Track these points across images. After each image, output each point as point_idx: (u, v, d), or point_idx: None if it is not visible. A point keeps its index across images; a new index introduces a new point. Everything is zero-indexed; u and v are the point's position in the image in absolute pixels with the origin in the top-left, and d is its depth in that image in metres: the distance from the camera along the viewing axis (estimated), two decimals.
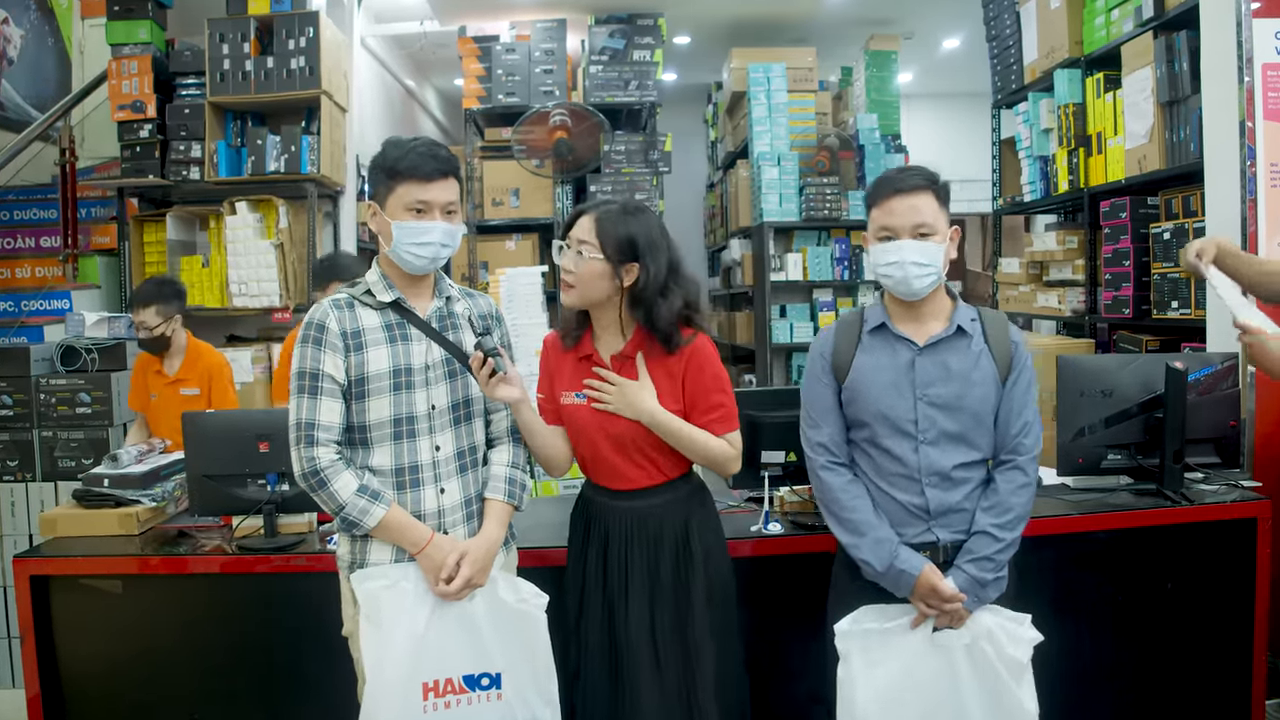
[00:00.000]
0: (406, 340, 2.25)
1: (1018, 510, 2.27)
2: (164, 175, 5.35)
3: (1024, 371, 2.32)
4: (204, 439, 2.95)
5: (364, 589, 2.18)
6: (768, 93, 7.08)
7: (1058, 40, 5.11)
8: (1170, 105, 4.12)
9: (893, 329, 2.35)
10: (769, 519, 2.93)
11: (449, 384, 2.29)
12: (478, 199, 6.45)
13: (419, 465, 2.24)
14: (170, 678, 2.96)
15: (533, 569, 2.50)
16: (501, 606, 2.27)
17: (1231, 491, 3.20)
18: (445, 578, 2.18)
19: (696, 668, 2.30)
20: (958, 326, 2.32)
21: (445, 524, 2.26)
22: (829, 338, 2.43)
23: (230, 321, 5.80)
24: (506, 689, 2.26)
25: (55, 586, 2.96)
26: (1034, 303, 5.60)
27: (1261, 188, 3.54)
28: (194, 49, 5.40)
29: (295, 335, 2.35)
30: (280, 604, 2.96)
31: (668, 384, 2.33)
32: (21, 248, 5.85)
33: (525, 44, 6.40)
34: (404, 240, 2.20)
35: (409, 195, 2.18)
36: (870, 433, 2.33)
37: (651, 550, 2.34)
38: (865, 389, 2.32)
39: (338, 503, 2.15)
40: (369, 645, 2.17)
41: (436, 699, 2.20)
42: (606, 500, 2.39)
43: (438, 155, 2.21)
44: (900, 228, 2.27)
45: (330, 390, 2.18)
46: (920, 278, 2.27)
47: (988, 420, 2.30)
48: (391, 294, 2.26)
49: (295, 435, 2.17)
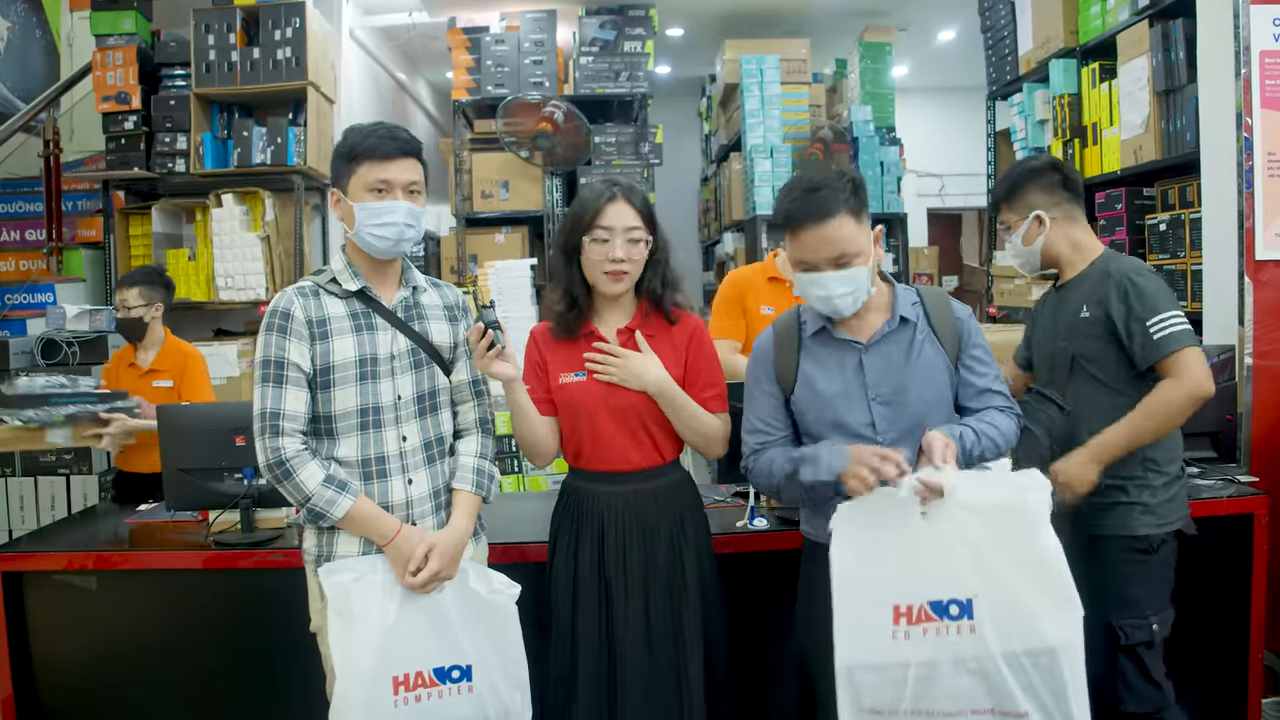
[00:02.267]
0: (372, 329, 2.22)
1: (1003, 429, 2.17)
2: (149, 168, 5.30)
3: (973, 346, 2.23)
4: (179, 432, 2.92)
5: (331, 582, 2.14)
6: (761, 85, 7.03)
7: (1053, 30, 5.06)
8: (1166, 95, 4.08)
9: (834, 333, 2.24)
10: (755, 514, 2.91)
11: (415, 374, 2.25)
12: (466, 191, 6.39)
13: (385, 456, 2.21)
14: (147, 675, 2.93)
15: (513, 565, 2.45)
16: (472, 597, 2.24)
17: (1228, 487, 3.16)
18: (413, 570, 2.15)
19: (688, 655, 2.30)
20: (900, 317, 2.22)
21: (414, 515, 2.23)
22: (768, 346, 2.32)
23: (217, 315, 5.75)
24: (478, 680, 2.23)
25: (29, 582, 2.93)
26: (1029, 296, 5.55)
27: (1259, 177, 3.49)
28: (179, 40, 5.34)
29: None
30: (258, 599, 2.93)
31: (672, 355, 2.36)
32: (6, 240, 5.82)
33: (515, 35, 6.35)
34: (367, 221, 2.16)
35: (370, 175, 2.15)
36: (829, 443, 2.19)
37: (648, 539, 2.33)
38: (815, 400, 2.23)
39: (304, 493, 2.11)
40: (338, 639, 2.13)
41: (407, 692, 2.17)
42: (600, 487, 2.36)
43: (397, 136, 2.19)
44: (817, 261, 2.12)
45: (295, 379, 2.14)
46: (849, 301, 2.14)
47: (943, 407, 2.21)
48: (357, 282, 2.23)
49: (260, 425, 2.13)
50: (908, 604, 1.97)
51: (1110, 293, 2.44)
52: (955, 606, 1.94)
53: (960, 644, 1.94)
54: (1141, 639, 2.42)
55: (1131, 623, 2.42)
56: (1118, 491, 2.47)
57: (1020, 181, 2.62)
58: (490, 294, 4.79)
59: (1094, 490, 2.43)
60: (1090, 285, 2.52)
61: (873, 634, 1.98)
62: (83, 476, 3.97)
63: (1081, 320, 2.51)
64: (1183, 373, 2.29)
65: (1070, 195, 2.59)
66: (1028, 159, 2.71)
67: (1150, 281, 2.42)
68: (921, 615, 1.96)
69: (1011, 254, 2.72)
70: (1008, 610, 1.92)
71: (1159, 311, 2.36)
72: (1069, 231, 2.60)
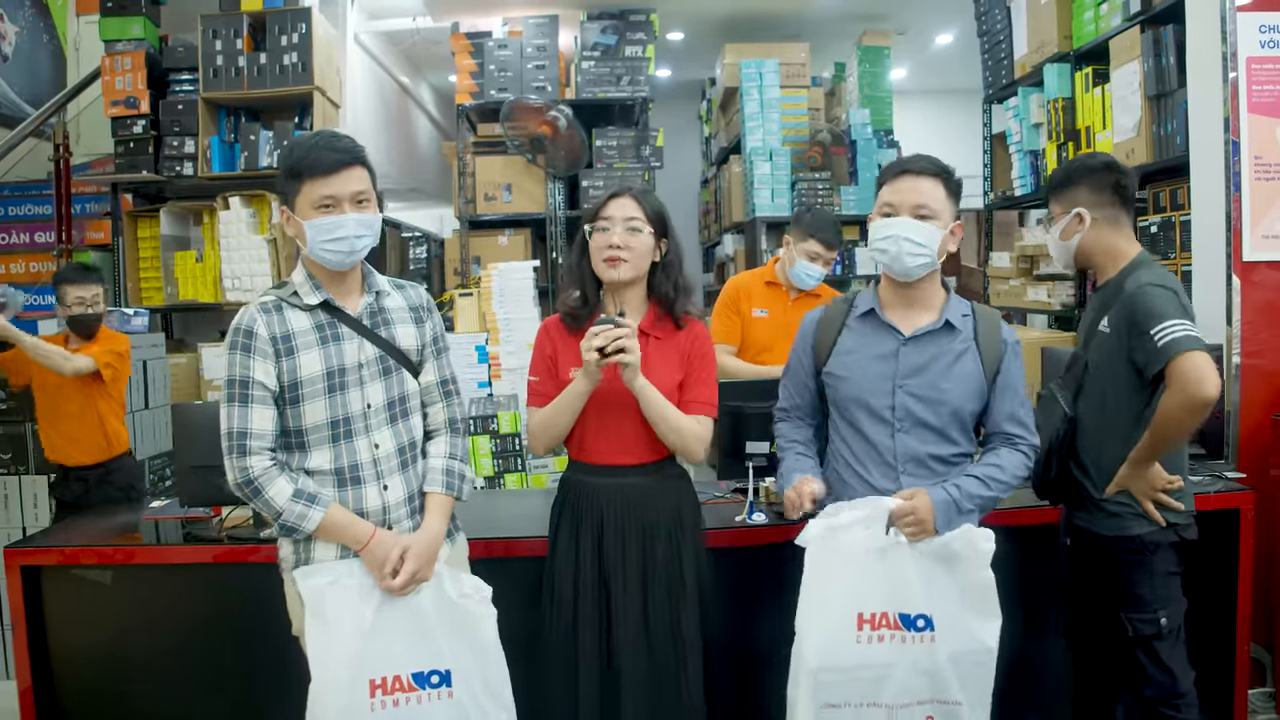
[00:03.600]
0: (338, 340, 2.21)
1: (1009, 475, 2.29)
2: (158, 171, 5.36)
3: (1011, 370, 2.33)
4: (192, 430, 2.97)
5: (308, 585, 2.15)
6: (760, 88, 7.09)
7: (1047, 35, 5.12)
8: (1157, 99, 4.14)
9: (881, 316, 2.37)
10: (753, 509, 2.97)
11: (384, 381, 2.25)
12: (470, 194, 6.46)
13: (359, 464, 2.21)
14: (161, 667, 2.99)
15: (513, 559, 2.51)
16: (447, 603, 2.24)
17: (1215, 482, 3.22)
18: (389, 572, 2.15)
19: (687, 652, 2.35)
20: (946, 321, 2.33)
21: (390, 520, 2.24)
22: (814, 319, 2.48)
23: (224, 316, 5.81)
24: (457, 687, 2.22)
25: (46, 577, 2.99)
26: (1024, 296, 5.63)
27: (1246, 180, 3.56)
28: (187, 45, 5.40)
29: None
30: (270, 593, 2.96)
31: (676, 358, 2.43)
32: (16, 243, 5.88)
33: (518, 40, 6.41)
34: (318, 239, 2.14)
35: (314, 192, 2.12)
36: (849, 417, 2.36)
37: (647, 535, 2.38)
38: (845, 374, 2.36)
39: (274, 509, 2.13)
40: (314, 642, 2.14)
41: (385, 696, 2.16)
42: (600, 480, 2.41)
43: (337, 146, 2.15)
44: (900, 204, 2.30)
45: (261, 398, 2.14)
46: (913, 255, 2.28)
47: (968, 418, 2.32)
48: (319, 295, 2.21)
49: (227, 445, 2.14)
50: (871, 612, 2.23)
51: (1120, 310, 2.46)
52: (921, 620, 2.23)
53: (918, 651, 2.22)
54: (1149, 632, 2.47)
55: (1139, 617, 2.47)
56: (1119, 500, 2.51)
57: (1074, 177, 2.62)
58: (494, 295, 4.86)
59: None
60: (1111, 297, 2.53)
61: (839, 639, 2.22)
62: None
63: (1100, 333, 2.54)
64: (1175, 380, 2.29)
65: (1119, 199, 2.57)
66: (1087, 155, 2.74)
67: (1156, 294, 2.40)
68: (884, 623, 2.23)
69: (1050, 245, 2.74)
70: (956, 621, 2.22)
71: (1162, 320, 2.34)
72: (1107, 235, 2.58)
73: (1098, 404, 2.53)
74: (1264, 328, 3.56)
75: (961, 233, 2.36)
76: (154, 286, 5.54)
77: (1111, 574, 2.51)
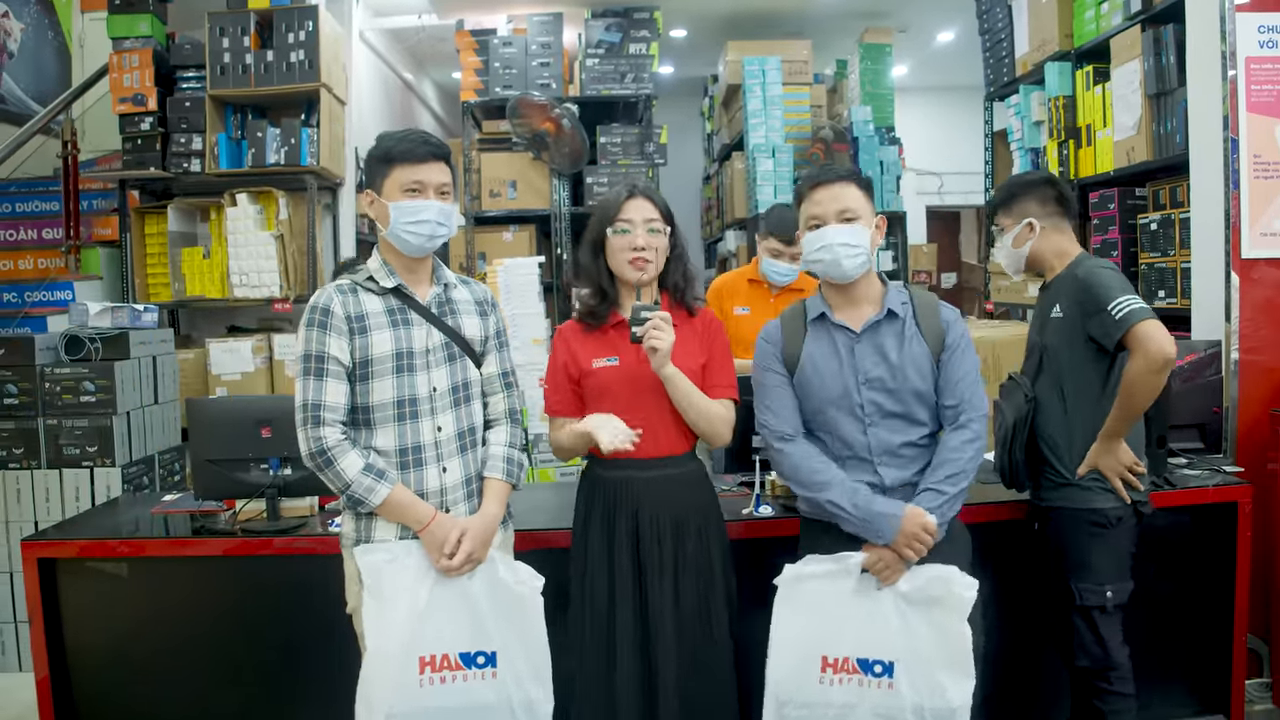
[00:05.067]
0: (408, 325, 2.32)
1: (962, 464, 2.36)
2: (165, 168, 5.41)
3: (957, 345, 2.42)
4: (207, 424, 3.01)
5: (366, 561, 2.24)
6: (763, 85, 7.11)
7: (1048, 33, 5.16)
8: (1158, 97, 4.18)
9: (831, 318, 2.47)
10: (760, 502, 3.01)
11: (449, 367, 2.35)
12: (475, 190, 6.49)
13: (422, 445, 2.30)
14: (175, 660, 3.02)
15: (530, 551, 2.56)
16: (500, 587, 2.32)
17: (1214, 476, 3.26)
18: (448, 553, 2.24)
19: (719, 643, 2.43)
20: (888, 310, 2.44)
21: (447, 502, 2.32)
22: (777, 330, 2.55)
23: (231, 312, 5.86)
24: (502, 668, 2.31)
25: (62, 569, 3.02)
26: (1025, 293, 5.65)
27: (1245, 178, 3.60)
28: (194, 42, 5.45)
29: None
30: (283, 586, 3.03)
31: (695, 343, 2.49)
32: (24, 239, 5.90)
33: (522, 38, 6.44)
34: (400, 220, 2.27)
35: (404, 176, 2.26)
36: (823, 419, 2.44)
37: (679, 528, 2.43)
38: (813, 377, 2.44)
39: (344, 481, 2.22)
40: (370, 617, 2.23)
41: (433, 674, 2.25)
42: (629, 473, 2.44)
43: (429, 141, 2.31)
44: (825, 214, 2.41)
45: (335, 372, 2.24)
46: (849, 258, 2.39)
47: (928, 397, 2.41)
48: (393, 280, 2.33)
49: (302, 416, 2.23)
50: (835, 657, 2.36)
51: (1073, 295, 2.70)
52: (879, 666, 2.34)
53: (877, 695, 2.34)
54: (1095, 603, 2.65)
55: (1088, 587, 2.65)
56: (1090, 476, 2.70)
57: (1018, 192, 2.89)
58: (499, 292, 4.89)
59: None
60: (1062, 287, 2.77)
61: (803, 678, 2.37)
62: (106, 469, 4.06)
63: (1053, 319, 2.77)
64: (1138, 346, 2.51)
65: (1061, 209, 2.86)
66: (1026, 173, 2.96)
67: (1106, 275, 2.66)
68: (846, 668, 2.35)
69: (1001, 254, 2.98)
70: (921, 675, 2.32)
71: (1115, 296, 2.58)
72: (1055, 239, 2.85)
73: (1056, 382, 2.73)
74: (1262, 324, 3.60)
75: (884, 226, 2.51)
76: (161, 283, 5.58)
77: (1069, 544, 2.69)
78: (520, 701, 2.32)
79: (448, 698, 2.27)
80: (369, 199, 2.34)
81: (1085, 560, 2.66)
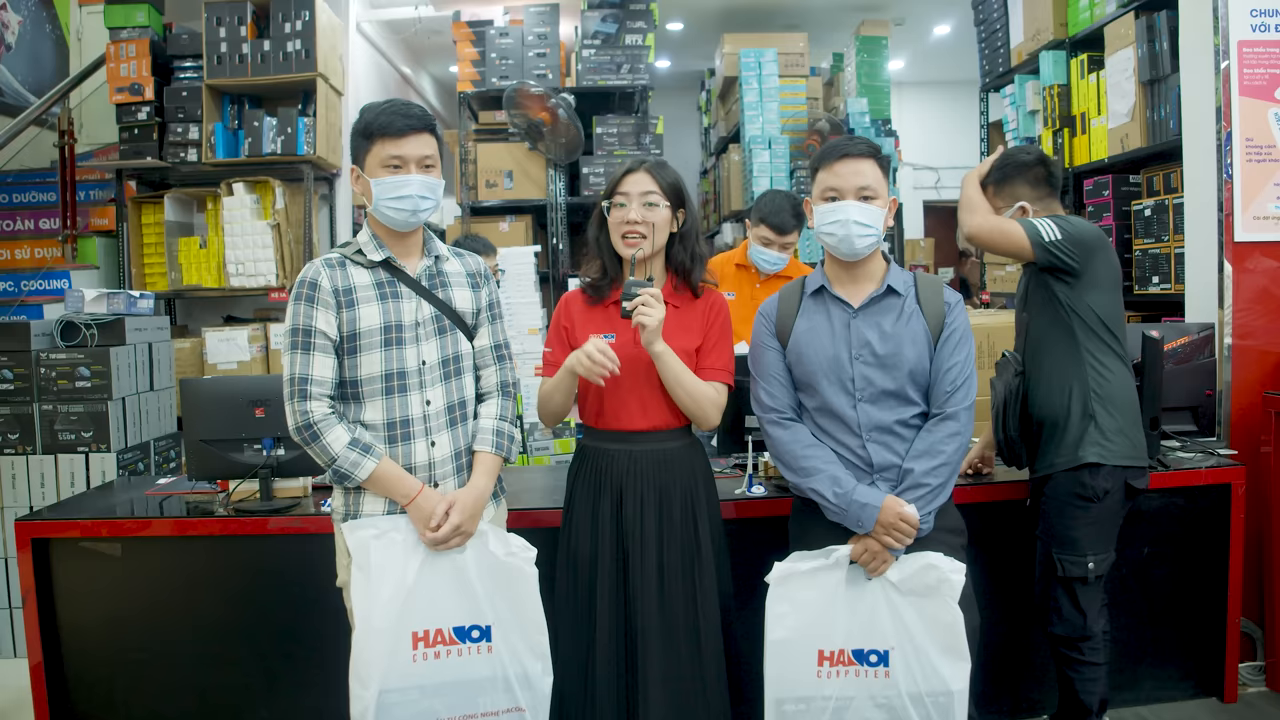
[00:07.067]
0: (397, 298, 2.31)
1: (946, 457, 2.34)
2: (162, 157, 5.41)
3: (955, 330, 2.40)
4: (200, 404, 3.01)
5: (354, 537, 2.23)
6: (759, 78, 7.13)
7: (1043, 22, 5.17)
8: (1151, 84, 4.19)
9: (830, 291, 2.45)
10: (753, 482, 3.02)
11: (439, 340, 2.34)
12: (471, 181, 6.51)
13: (410, 419, 2.29)
14: (169, 639, 3.02)
15: (523, 529, 2.56)
16: (491, 560, 2.31)
17: (1208, 458, 3.28)
18: (434, 525, 2.23)
19: (703, 615, 2.41)
20: (888, 286, 2.42)
21: (436, 476, 2.31)
22: (773, 304, 2.54)
23: (228, 301, 5.87)
24: (496, 642, 2.30)
25: (56, 552, 3.03)
26: None
27: (1238, 163, 3.60)
28: (191, 32, 5.45)
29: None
30: (276, 565, 3.03)
31: (696, 325, 2.48)
32: (21, 229, 5.90)
33: (519, 28, 6.45)
34: (383, 196, 2.26)
35: (384, 152, 2.24)
36: (813, 392, 2.43)
37: (664, 499, 2.42)
38: (806, 350, 2.43)
39: (330, 455, 2.21)
40: (359, 593, 2.22)
41: (426, 648, 2.25)
42: (618, 446, 2.45)
43: (409, 113, 2.27)
44: (845, 189, 2.38)
45: (322, 346, 2.24)
46: (862, 237, 2.37)
47: (922, 378, 2.38)
48: (381, 253, 2.32)
49: (289, 390, 2.23)
50: (831, 650, 2.35)
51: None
52: (874, 656, 2.35)
53: (875, 685, 2.35)
54: (1077, 574, 2.68)
55: (1070, 559, 2.68)
56: (1071, 422, 2.71)
57: (1011, 174, 2.90)
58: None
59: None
60: None
61: (799, 673, 2.36)
62: (101, 454, 4.07)
63: (1030, 289, 2.85)
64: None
65: (1051, 189, 2.89)
66: (1018, 151, 2.96)
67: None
68: (842, 660, 2.36)
69: None
70: (917, 662, 2.33)
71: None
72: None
73: (1037, 350, 2.80)
74: (1255, 308, 3.61)
75: (896, 207, 2.50)
76: (158, 272, 5.58)
77: (1055, 515, 2.72)
78: (517, 675, 2.32)
79: (442, 672, 2.26)
80: (354, 174, 2.32)
81: (1070, 534, 2.68)
